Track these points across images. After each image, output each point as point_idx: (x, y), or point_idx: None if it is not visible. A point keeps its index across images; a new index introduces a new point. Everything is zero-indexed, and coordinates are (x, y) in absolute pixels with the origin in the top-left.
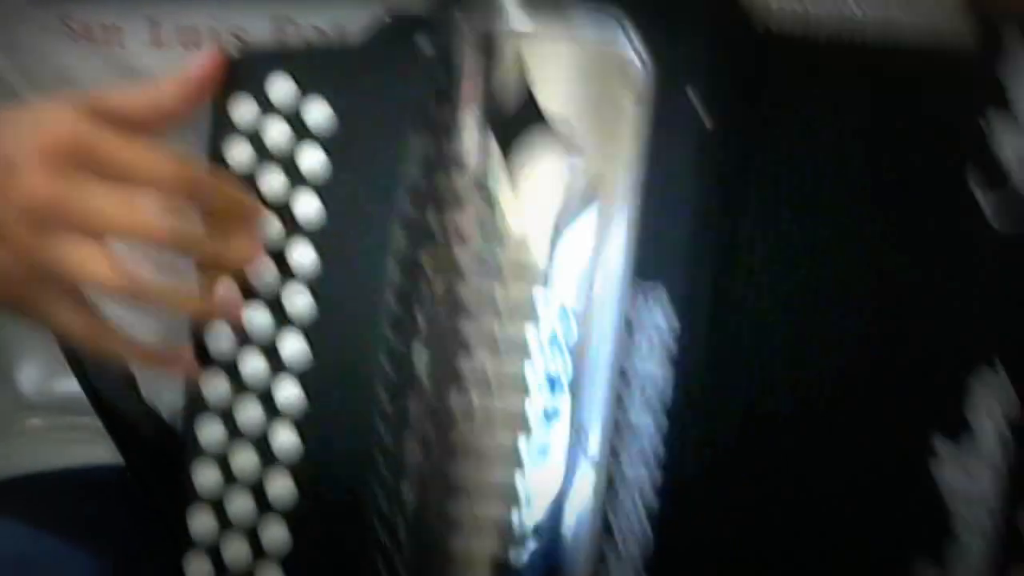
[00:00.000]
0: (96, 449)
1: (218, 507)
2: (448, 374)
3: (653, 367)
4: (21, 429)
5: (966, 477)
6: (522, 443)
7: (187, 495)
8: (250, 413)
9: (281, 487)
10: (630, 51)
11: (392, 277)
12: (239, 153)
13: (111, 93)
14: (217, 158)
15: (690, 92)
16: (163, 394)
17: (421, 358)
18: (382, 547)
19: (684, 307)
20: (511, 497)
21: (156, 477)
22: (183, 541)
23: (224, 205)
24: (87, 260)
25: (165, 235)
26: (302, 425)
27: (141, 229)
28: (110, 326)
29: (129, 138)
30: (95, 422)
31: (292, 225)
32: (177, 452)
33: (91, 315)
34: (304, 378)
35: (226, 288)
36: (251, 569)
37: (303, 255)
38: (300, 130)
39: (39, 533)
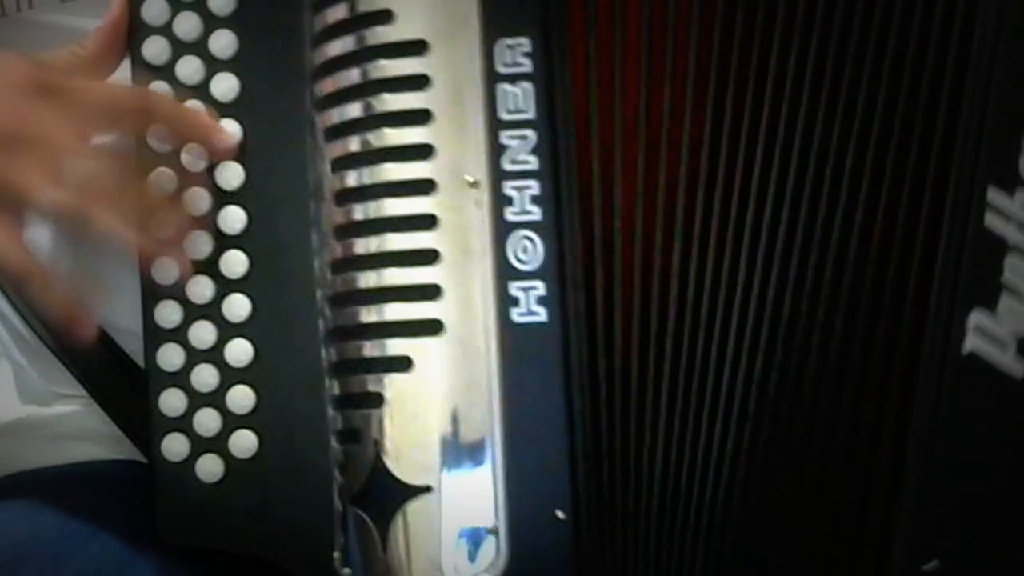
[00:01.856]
0: (99, 448)
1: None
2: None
3: None
4: (24, 427)
5: (1018, 229)
6: None
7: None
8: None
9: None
10: None
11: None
12: (155, 49)
13: (44, 55)
14: (138, 61)
15: None
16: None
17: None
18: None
19: None
20: None
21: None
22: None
23: (174, 117)
24: (40, 179)
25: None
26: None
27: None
28: (38, 260)
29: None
30: (94, 422)
31: (212, 105)
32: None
33: (23, 243)
34: (247, 286)
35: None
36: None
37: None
38: (207, 17)
39: (41, 527)
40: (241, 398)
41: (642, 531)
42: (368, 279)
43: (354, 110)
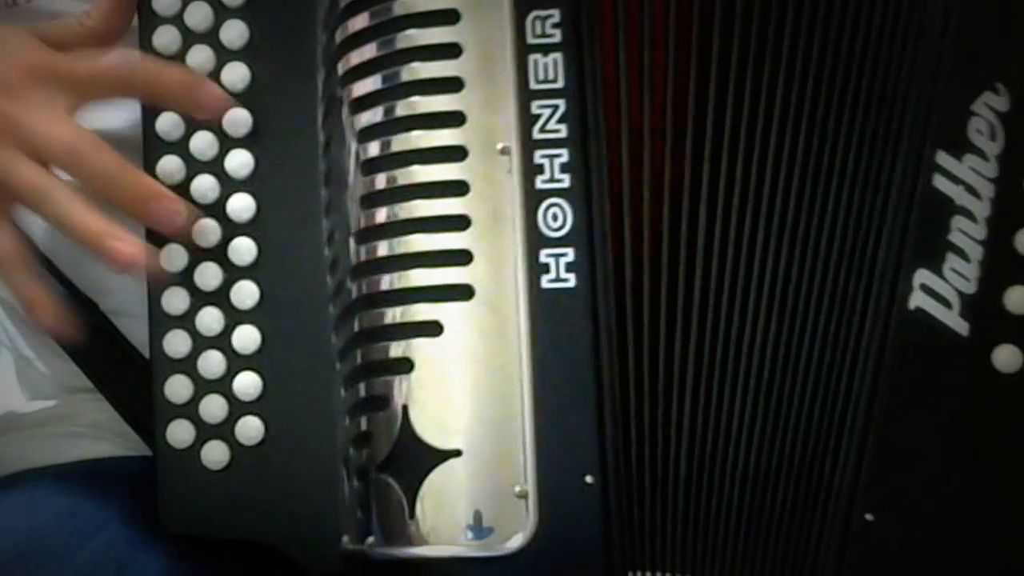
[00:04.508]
0: (102, 444)
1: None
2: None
3: None
4: (30, 423)
5: (966, 192)
6: None
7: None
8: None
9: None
10: None
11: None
12: (166, 38)
13: (50, 26)
14: (149, 51)
15: None
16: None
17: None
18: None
19: None
20: None
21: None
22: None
23: (170, 84)
24: (25, 179)
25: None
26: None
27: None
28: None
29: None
30: (102, 417)
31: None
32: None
33: (17, 241)
34: (256, 273)
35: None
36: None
37: (238, 117)
38: (218, 7)
39: (42, 525)
40: (248, 385)
41: (670, 495)
42: (396, 246)
43: (382, 80)
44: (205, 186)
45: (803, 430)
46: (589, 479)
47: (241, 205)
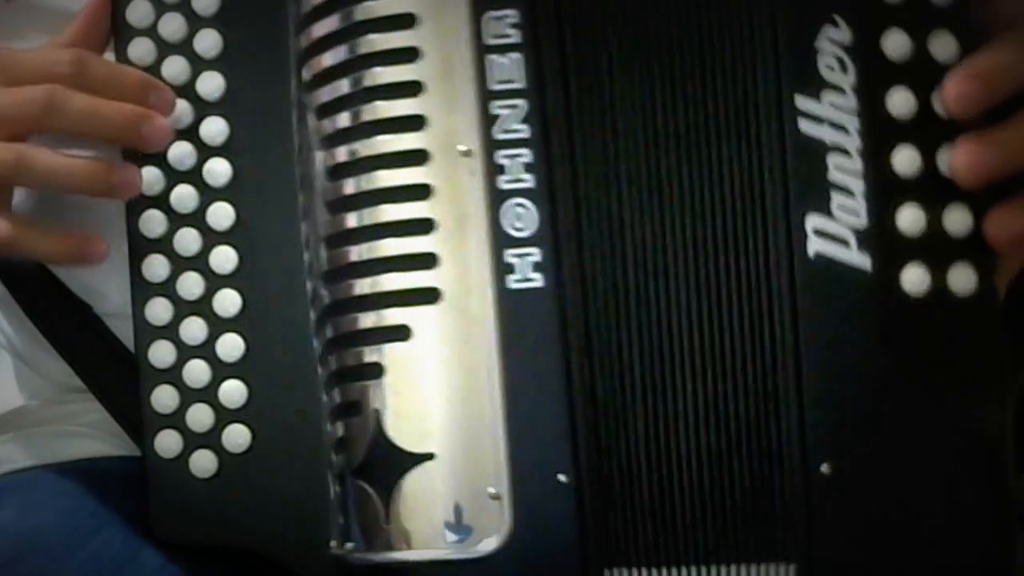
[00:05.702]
0: (100, 443)
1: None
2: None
3: None
4: (28, 423)
5: (832, 129)
6: None
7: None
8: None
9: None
10: None
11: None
12: (141, 50)
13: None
14: (124, 63)
15: None
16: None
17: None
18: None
19: None
20: None
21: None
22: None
23: (104, 79)
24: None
25: (45, 112)
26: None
27: (22, 115)
28: (31, 224)
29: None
30: (98, 417)
31: (199, 104)
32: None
33: (12, 216)
34: (237, 281)
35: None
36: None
37: (213, 126)
38: (191, 18)
39: (41, 525)
40: (233, 392)
41: (637, 489)
42: (364, 251)
43: (345, 86)
44: (184, 195)
45: (742, 399)
46: (563, 478)
47: (221, 213)
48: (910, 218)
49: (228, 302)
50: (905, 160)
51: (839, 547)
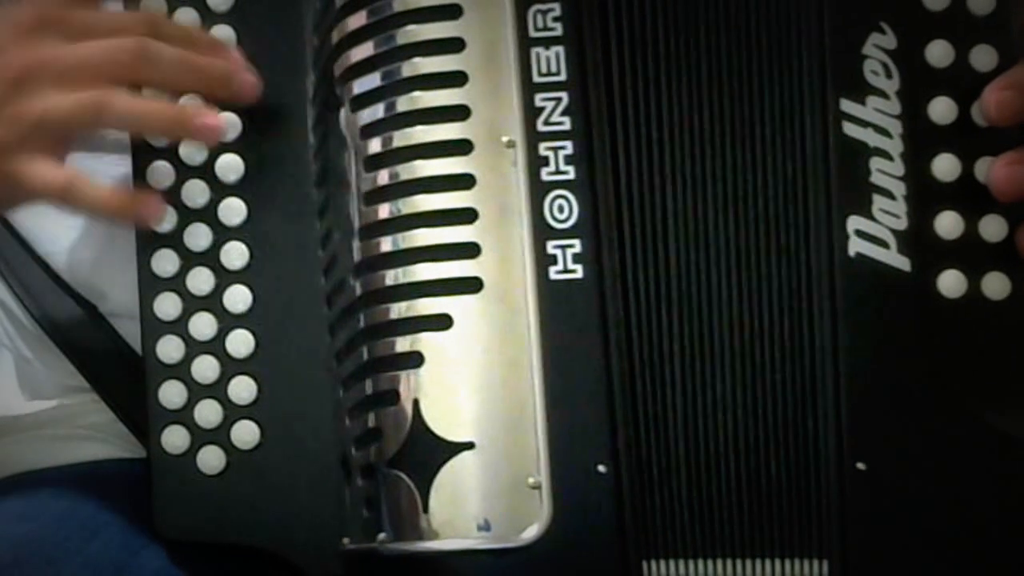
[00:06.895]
0: (102, 446)
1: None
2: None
3: None
4: (29, 425)
5: (876, 133)
6: None
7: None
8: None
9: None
10: None
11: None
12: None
13: None
14: None
15: None
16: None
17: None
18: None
19: None
20: None
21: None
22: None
23: (180, 39)
24: (70, 104)
25: (138, 60)
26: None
27: (113, 62)
28: (82, 176)
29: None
30: (102, 418)
31: None
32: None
33: (66, 168)
34: (248, 276)
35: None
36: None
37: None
38: (205, 12)
39: (38, 529)
40: (243, 389)
41: (675, 480)
42: (402, 240)
43: (382, 77)
44: (195, 191)
45: (780, 394)
46: (602, 468)
47: (232, 209)
48: (948, 223)
49: (238, 298)
50: (945, 166)
51: (873, 544)
